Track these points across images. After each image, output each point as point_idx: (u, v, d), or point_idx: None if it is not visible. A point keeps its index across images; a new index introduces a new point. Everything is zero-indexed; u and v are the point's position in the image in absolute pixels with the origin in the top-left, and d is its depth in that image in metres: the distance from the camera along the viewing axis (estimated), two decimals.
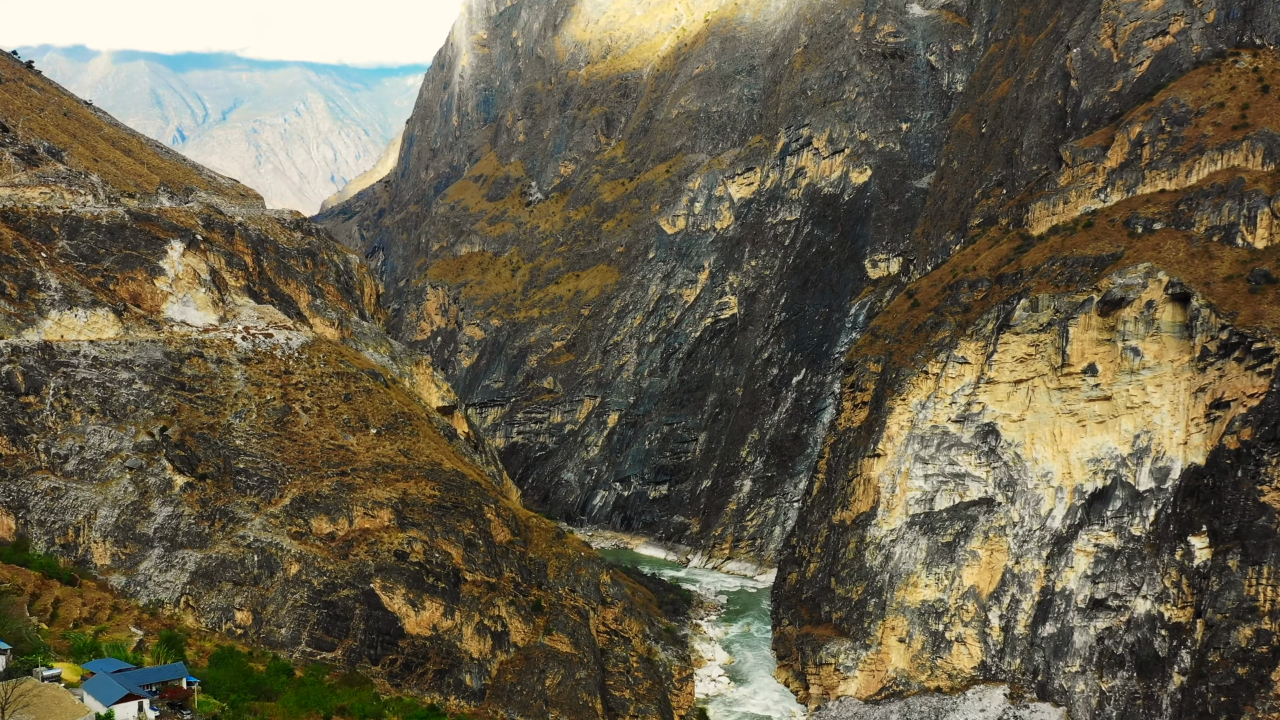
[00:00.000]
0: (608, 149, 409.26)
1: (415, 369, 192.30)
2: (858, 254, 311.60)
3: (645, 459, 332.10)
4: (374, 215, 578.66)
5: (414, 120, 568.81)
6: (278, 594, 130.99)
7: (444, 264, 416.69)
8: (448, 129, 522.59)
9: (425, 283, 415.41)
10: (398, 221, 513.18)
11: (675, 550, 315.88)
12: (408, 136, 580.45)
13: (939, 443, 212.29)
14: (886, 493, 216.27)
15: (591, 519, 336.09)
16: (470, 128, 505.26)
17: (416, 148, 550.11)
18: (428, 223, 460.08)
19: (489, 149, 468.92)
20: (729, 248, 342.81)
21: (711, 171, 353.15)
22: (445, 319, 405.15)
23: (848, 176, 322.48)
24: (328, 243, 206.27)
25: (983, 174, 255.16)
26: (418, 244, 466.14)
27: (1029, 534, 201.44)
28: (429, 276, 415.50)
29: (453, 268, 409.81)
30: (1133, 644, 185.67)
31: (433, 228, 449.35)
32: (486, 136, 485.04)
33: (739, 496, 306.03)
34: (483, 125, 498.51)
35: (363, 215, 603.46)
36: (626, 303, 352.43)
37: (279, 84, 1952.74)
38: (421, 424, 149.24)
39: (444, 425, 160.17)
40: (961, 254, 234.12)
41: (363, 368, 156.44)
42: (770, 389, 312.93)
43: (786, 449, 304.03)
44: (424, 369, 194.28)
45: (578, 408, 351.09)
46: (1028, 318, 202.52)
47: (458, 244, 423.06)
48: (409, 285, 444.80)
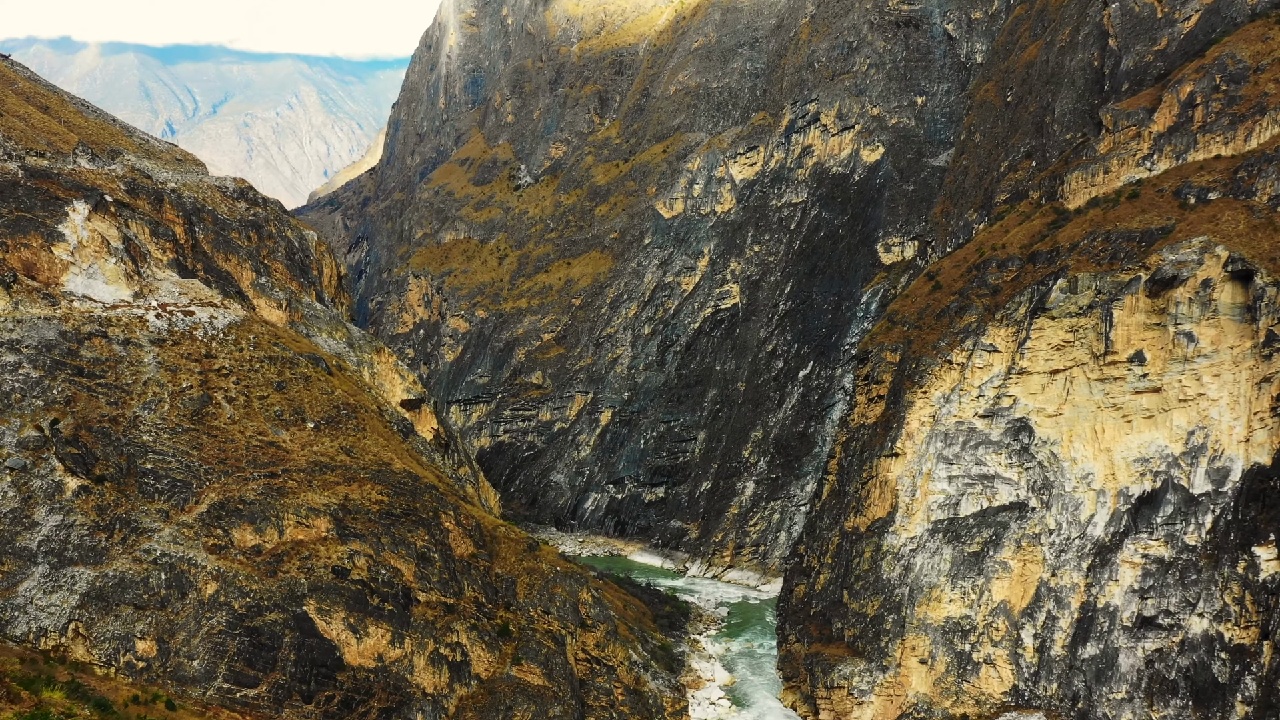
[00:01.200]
0: (601, 129, 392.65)
1: (376, 358, 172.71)
2: (869, 238, 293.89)
3: (640, 459, 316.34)
4: (358, 205, 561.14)
5: (400, 104, 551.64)
6: (189, 619, 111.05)
7: (427, 252, 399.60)
8: (434, 112, 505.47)
9: (407, 272, 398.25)
10: (382, 210, 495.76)
11: (672, 558, 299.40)
12: (393, 121, 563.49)
13: (964, 440, 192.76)
14: (905, 496, 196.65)
15: (583, 524, 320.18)
16: (458, 110, 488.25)
17: (402, 133, 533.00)
18: (411, 209, 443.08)
19: (477, 132, 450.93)
20: (730, 232, 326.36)
21: (711, 151, 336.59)
22: (428, 310, 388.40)
23: (858, 155, 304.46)
24: (279, 216, 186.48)
25: (1009, 146, 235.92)
26: (401, 232, 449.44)
27: (1067, 543, 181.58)
28: (411, 265, 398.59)
29: (436, 256, 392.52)
30: (1187, 668, 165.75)
31: (416, 214, 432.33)
32: (475, 119, 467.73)
33: (741, 500, 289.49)
34: (471, 108, 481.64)
35: (346, 205, 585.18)
36: (620, 292, 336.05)
37: (271, 77, 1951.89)
38: (370, 417, 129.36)
39: (399, 420, 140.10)
40: (988, 231, 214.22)
41: (302, 352, 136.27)
42: (775, 384, 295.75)
43: (793, 448, 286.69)
44: (386, 358, 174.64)
45: (568, 404, 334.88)
46: (1065, 300, 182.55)
47: (442, 231, 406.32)
48: (391, 275, 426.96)
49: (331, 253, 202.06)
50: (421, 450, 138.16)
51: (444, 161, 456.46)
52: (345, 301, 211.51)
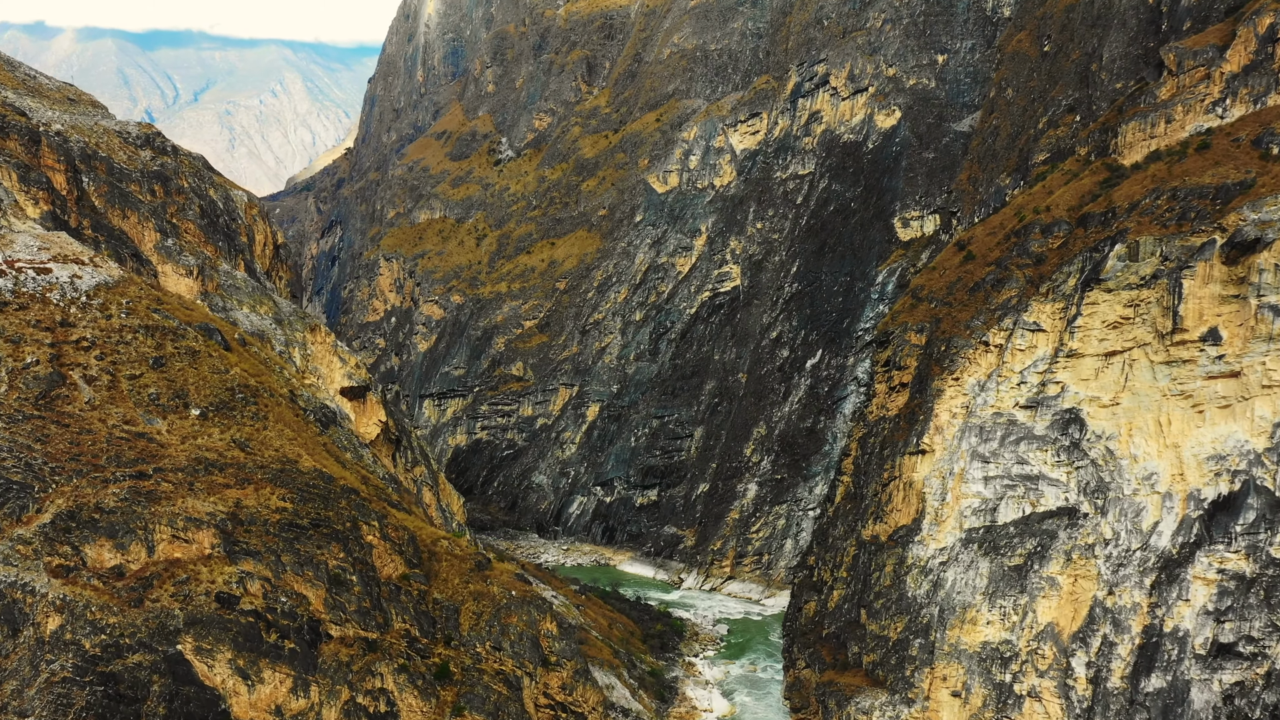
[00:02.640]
0: (589, 98, 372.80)
1: (310, 337, 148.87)
2: (885, 212, 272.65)
3: (631, 459, 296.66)
4: (332, 188, 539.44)
5: (376, 78, 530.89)
6: (23, 664, 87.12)
7: (400, 233, 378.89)
8: (412, 86, 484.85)
9: (378, 255, 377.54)
10: (356, 191, 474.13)
11: (666, 568, 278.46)
12: (369, 97, 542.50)
13: (1004, 435, 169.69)
14: (934, 501, 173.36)
15: (567, 530, 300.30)
16: (436, 83, 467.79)
17: (378, 109, 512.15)
18: (383, 187, 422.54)
19: (456, 104, 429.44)
20: (730, 208, 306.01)
21: (709, 119, 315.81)
22: (400, 296, 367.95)
23: (872, 120, 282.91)
24: (199, 170, 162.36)
25: (1048, 100, 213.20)
26: (373, 212, 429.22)
27: (1126, 555, 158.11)
28: (382, 248, 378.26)
29: (409, 237, 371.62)
30: (1275, 705, 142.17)
31: (388, 192, 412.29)
32: (454, 92, 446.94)
33: (742, 503, 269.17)
34: (451, 80, 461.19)
35: (320, 188, 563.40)
36: (609, 274, 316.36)
37: (254, 63, 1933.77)
38: (275, 404, 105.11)
39: (319, 409, 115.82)
40: (1028, 194, 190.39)
41: (191, 322, 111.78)
42: (780, 374, 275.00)
43: (800, 446, 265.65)
44: (322, 338, 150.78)
45: (551, 398, 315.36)
46: (1124, 269, 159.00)
47: (415, 210, 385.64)
48: (361, 259, 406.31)
49: (266, 217, 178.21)
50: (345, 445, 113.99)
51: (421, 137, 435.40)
52: (284, 275, 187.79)
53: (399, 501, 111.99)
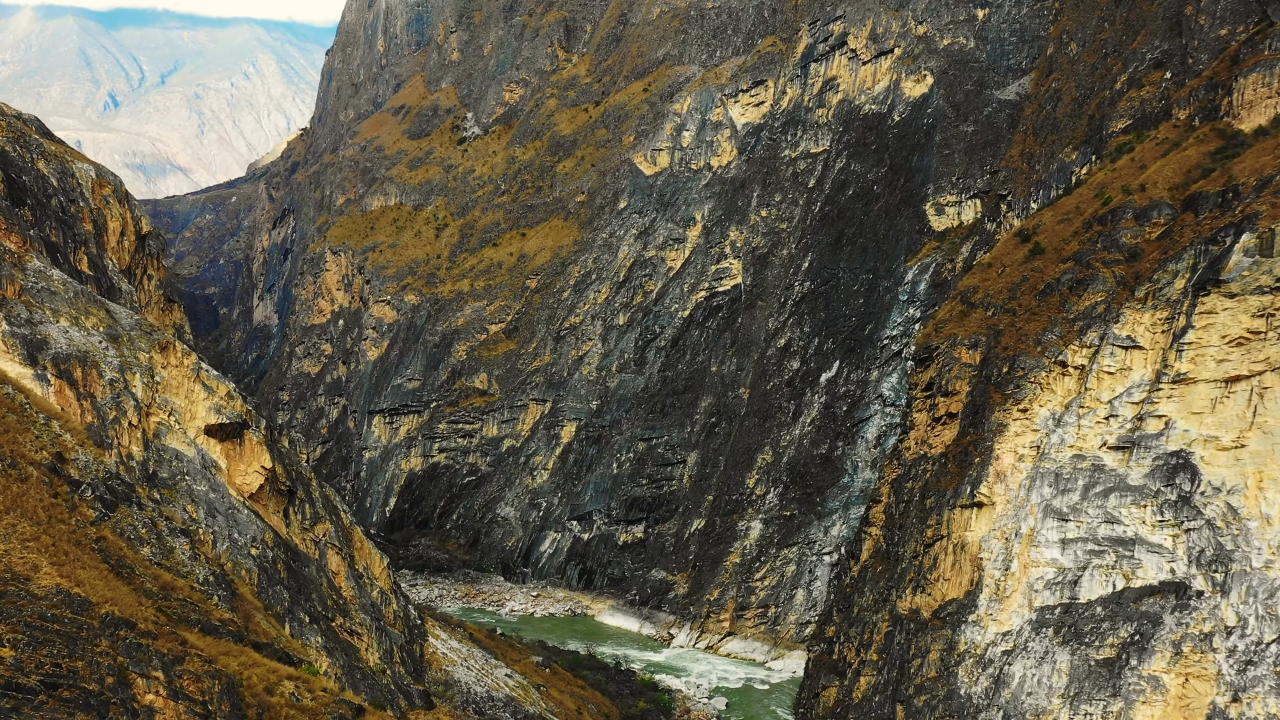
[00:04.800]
0: (567, 66, 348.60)
1: (160, 358, 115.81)
2: (915, 196, 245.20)
3: (613, 488, 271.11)
4: (285, 172, 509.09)
5: (334, 50, 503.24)
6: None
7: (349, 222, 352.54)
8: (372, 57, 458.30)
9: (324, 247, 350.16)
10: (310, 176, 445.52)
11: (653, 620, 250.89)
12: (326, 71, 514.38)
13: (1087, 485, 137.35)
14: (995, 569, 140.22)
15: (538, 572, 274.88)
16: (399, 53, 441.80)
17: (336, 83, 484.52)
18: (333, 169, 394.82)
19: (420, 76, 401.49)
20: (730, 193, 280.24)
21: (706, 89, 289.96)
22: (348, 295, 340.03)
23: (899, 88, 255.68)
24: (19, 134, 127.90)
25: (1126, 54, 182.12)
26: (322, 199, 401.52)
27: (1257, 650, 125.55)
28: (329, 239, 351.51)
29: (360, 227, 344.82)
30: None
31: (338, 175, 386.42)
32: (418, 64, 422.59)
33: (744, 544, 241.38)
34: (415, 50, 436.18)
35: (273, 174, 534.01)
36: (588, 270, 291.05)
37: (225, 44, 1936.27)
38: (9, 483, 70.43)
39: (105, 480, 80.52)
40: (1110, 169, 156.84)
41: None
42: (789, 390, 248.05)
43: (813, 477, 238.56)
44: (177, 359, 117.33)
45: (520, 416, 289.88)
46: (1253, 266, 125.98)
47: (368, 196, 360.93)
48: (306, 253, 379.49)
49: (126, 200, 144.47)
50: (144, 536, 79.07)
51: None
52: (154, 273, 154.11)
53: (226, 622, 77.16)
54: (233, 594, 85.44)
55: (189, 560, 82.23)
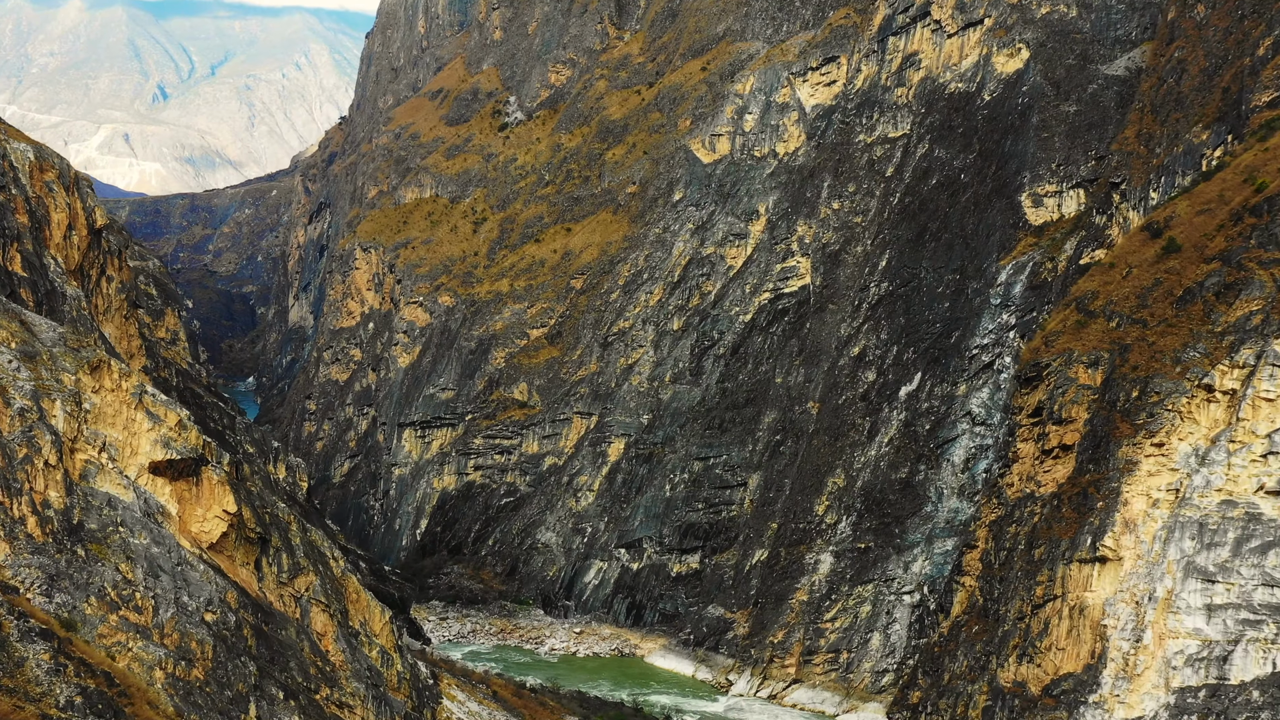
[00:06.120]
0: (618, 44, 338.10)
1: (88, 381, 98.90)
2: (1008, 186, 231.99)
3: (665, 513, 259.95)
4: (323, 163, 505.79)
5: (374, 32, 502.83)
6: None
7: (381, 216, 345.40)
8: (412, 39, 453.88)
9: (354, 244, 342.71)
10: (346, 167, 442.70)
11: (709, 663, 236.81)
12: (365, 55, 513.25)
13: (1240, 538, 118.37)
14: (1122, 640, 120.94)
15: (581, 605, 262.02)
16: (440, 35, 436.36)
17: (374, 68, 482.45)
18: (365, 159, 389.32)
19: (460, 59, 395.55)
20: (798, 182, 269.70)
21: (771, 67, 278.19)
22: (379, 296, 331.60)
23: (989, 63, 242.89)
24: None
25: (1270, 14, 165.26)
26: (354, 190, 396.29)
27: None
28: (359, 235, 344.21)
29: (392, 221, 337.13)
30: None
31: (370, 165, 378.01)
32: (460, 46, 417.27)
33: (813, 580, 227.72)
34: (456, 32, 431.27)
35: (308, 165, 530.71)
36: (639, 269, 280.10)
37: (277, 34, 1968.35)
38: None
39: None
40: (1262, 149, 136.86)
41: None
42: (864, 405, 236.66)
43: (891, 505, 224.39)
44: (113, 382, 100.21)
45: (563, 430, 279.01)
46: None
47: (401, 187, 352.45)
48: (335, 249, 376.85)
49: (76, 186, 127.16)
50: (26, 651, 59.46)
51: None
52: (116, 276, 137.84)
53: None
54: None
55: (46, 675, 62.65)
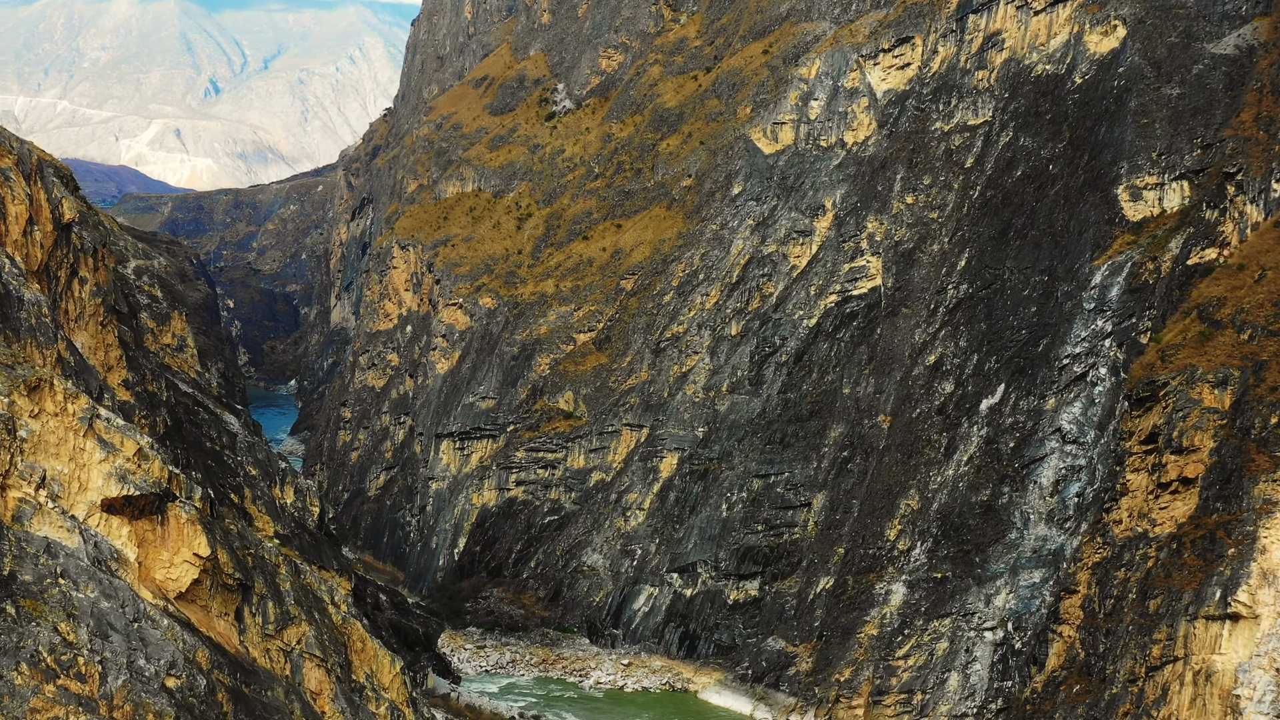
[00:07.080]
0: (674, 27, 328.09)
1: (24, 404, 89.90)
2: (1102, 177, 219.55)
3: (721, 535, 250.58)
4: (366, 156, 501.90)
5: (420, 20, 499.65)
6: None
7: (420, 212, 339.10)
8: (459, 25, 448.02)
9: (391, 241, 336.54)
10: (389, 160, 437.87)
11: (769, 701, 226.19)
12: (411, 44, 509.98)
13: None
14: (1259, 714, 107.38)
15: (630, 634, 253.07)
16: (487, 20, 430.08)
17: (420, 57, 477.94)
18: (405, 151, 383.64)
19: (506, 45, 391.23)
20: (868, 174, 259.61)
21: (839, 49, 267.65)
22: (418, 297, 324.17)
23: (1081, 43, 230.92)
24: None
25: None
26: (393, 185, 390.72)
27: None
28: (397, 232, 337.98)
29: (432, 217, 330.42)
30: None
31: (410, 158, 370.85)
32: (507, 32, 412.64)
33: (884, 612, 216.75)
34: (504, 17, 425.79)
35: (351, 159, 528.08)
36: (695, 269, 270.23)
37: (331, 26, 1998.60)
38: None
39: None
40: None
41: None
42: (941, 420, 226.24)
43: (971, 530, 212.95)
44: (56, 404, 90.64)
45: (611, 444, 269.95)
46: None
47: (442, 181, 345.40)
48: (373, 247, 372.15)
49: (38, 177, 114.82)
50: None
51: None
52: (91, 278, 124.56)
53: None
54: None
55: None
